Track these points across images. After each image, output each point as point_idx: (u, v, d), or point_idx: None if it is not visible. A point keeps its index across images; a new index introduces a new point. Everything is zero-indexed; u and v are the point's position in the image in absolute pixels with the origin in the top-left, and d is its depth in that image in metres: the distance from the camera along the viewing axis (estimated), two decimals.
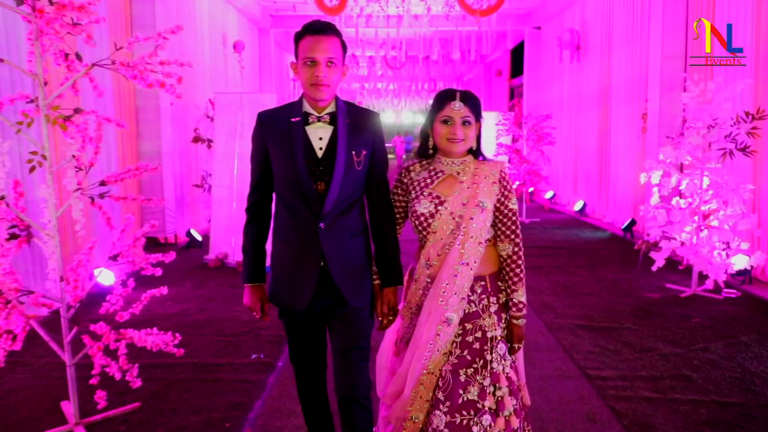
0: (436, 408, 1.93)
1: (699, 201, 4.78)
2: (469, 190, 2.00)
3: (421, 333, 1.98)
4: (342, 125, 1.94)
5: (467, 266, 1.95)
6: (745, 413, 2.81)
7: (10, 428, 2.73)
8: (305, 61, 1.88)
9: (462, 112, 1.96)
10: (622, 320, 4.20)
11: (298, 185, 1.92)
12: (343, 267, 1.97)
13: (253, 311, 2.08)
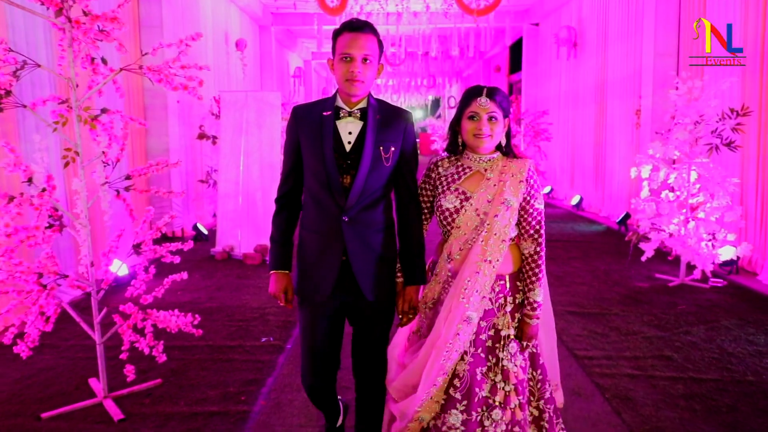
0: (451, 407, 1.96)
1: (687, 194, 5.01)
2: (495, 187, 2.00)
3: (440, 331, 1.98)
4: (372, 121, 1.97)
5: (490, 264, 1.95)
6: (719, 388, 3.05)
7: (43, 401, 2.97)
8: (342, 56, 1.92)
9: (488, 108, 1.98)
10: (610, 307, 4.44)
11: (325, 177, 1.96)
12: (364, 261, 1.99)
13: (278, 299, 2.10)
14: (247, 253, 6.10)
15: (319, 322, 2.07)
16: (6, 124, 4.25)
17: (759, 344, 3.65)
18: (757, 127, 5.35)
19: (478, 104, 1.98)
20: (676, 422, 2.71)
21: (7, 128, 4.36)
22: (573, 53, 10.20)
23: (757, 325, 3.99)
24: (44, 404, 2.94)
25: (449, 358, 1.94)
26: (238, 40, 10.45)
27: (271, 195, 6.06)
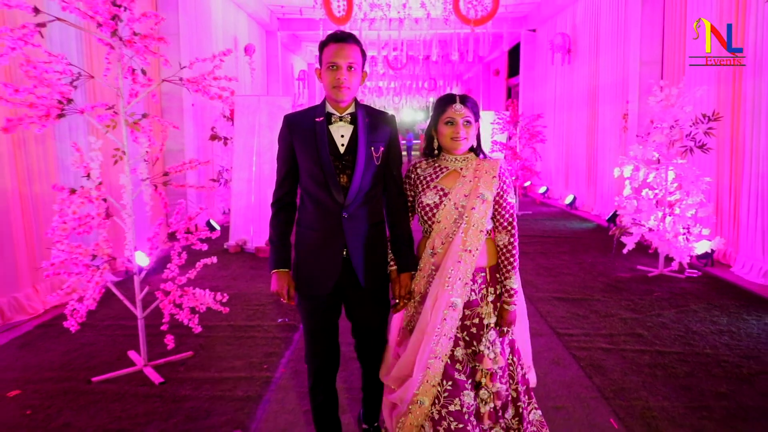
0: (463, 389, 2.09)
1: (664, 192, 5.45)
2: (470, 183, 2.16)
3: (427, 318, 2.10)
4: (362, 124, 2.12)
5: (470, 253, 2.10)
6: (680, 359, 3.49)
7: (90, 369, 3.41)
8: (328, 65, 2.06)
9: (463, 113, 2.14)
10: (593, 294, 4.88)
11: (323, 178, 2.09)
12: (362, 254, 2.14)
13: (281, 296, 2.20)
14: (259, 247, 6.54)
15: (318, 315, 2.21)
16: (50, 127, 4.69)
17: (721, 324, 4.09)
18: (731, 131, 5.80)
19: (453, 110, 2.15)
20: (639, 384, 3.15)
21: (50, 131, 4.82)
22: (567, 59, 10.65)
23: (722, 309, 4.43)
24: (91, 371, 3.39)
25: (438, 342, 2.07)
26: (246, 46, 10.90)
27: None
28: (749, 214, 5.50)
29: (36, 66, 2.88)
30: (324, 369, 2.26)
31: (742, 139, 5.64)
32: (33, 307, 4.55)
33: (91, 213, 3.15)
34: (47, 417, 2.86)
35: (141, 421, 2.81)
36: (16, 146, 4.53)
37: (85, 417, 2.85)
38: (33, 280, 4.69)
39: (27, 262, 4.63)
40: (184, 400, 3.03)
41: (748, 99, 5.47)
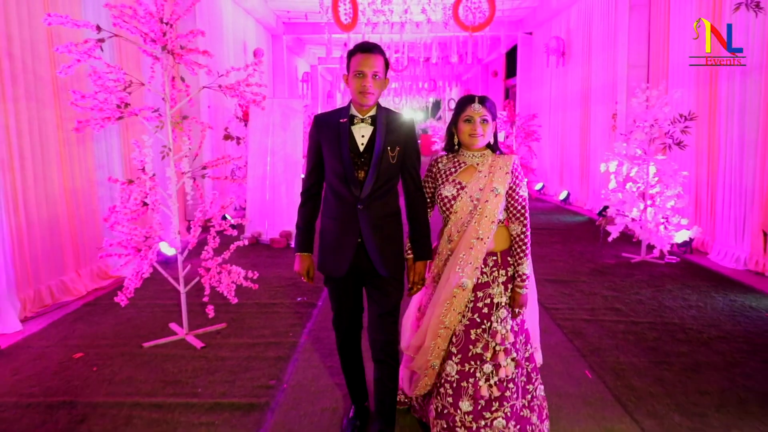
0: (449, 359, 2.35)
1: (646, 185, 5.98)
2: (485, 178, 2.33)
3: (440, 294, 2.33)
4: (380, 126, 2.32)
5: (481, 240, 2.30)
6: (650, 327, 4.02)
7: (140, 337, 3.93)
8: (355, 73, 2.26)
9: (481, 112, 2.33)
10: (580, 277, 5.40)
11: (343, 173, 2.30)
12: (376, 242, 2.32)
13: (302, 276, 2.46)
14: (273, 238, 7.07)
15: (341, 294, 2.46)
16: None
17: (691, 300, 4.62)
18: (708, 130, 6.32)
19: (472, 109, 2.33)
20: (612, 346, 3.67)
21: (88, 134, 5.33)
22: (561, 62, 11.17)
23: (694, 288, 4.95)
24: (141, 339, 3.91)
25: (447, 315, 2.30)
26: (255, 50, 11.43)
27: (294, 188, 7.08)
28: (724, 205, 6.03)
29: (100, 75, 3.40)
30: (346, 337, 2.56)
31: (717, 137, 6.16)
32: (77, 289, 5.07)
33: (145, 200, 3.67)
34: (111, 372, 3.39)
35: (191, 375, 3.33)
36: (62, 146, 5.05)
37: (144, 372, 3.38)
38: (76, 265, 5.21)
39: (71, 248, 5.15)
40: (225, 359, 3.55)
41: (723, 100, 6.00)
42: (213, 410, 2.92)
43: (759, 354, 3.53)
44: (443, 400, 2.37)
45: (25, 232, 4.55)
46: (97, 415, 2.88)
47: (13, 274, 4.38)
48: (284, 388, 3.16)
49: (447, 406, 2.35)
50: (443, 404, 2.37)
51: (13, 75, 4.40)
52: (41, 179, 4.75)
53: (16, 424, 2.81)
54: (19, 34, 4.45)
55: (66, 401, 3.03)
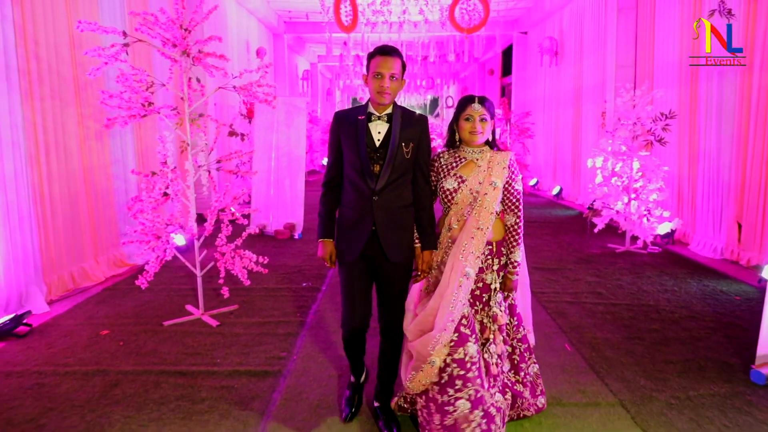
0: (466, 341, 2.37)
1: (629, 180, 6.35)
2: (484, 173, 2.48)
3: (446, 284, 2.41)
4: (396, 124, 2.47)
5: (481, 231, 2.44)
6: (627, 308, 4.39)
7: (159, 317, 4.28)
8: (374, 74, 2.42)
9: (480, 111, 2.48)
10: (566, 265, 5.77)
11: (360, 166, 2.45)
12: (388, 230, 2.48)
13: (325, 260, 2.61)
14: (277, 230, 7.42)
15: (354, 278, 2.56)
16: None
17: (667, 285, 4.99)
18: (689, 127, 6.69)
19: (472, 108, 2.49)
20: (591, 324, 4.04)
21: (105, 131, 5.68)
22: (555, 61, 11.52)
23: (671, 275, 5.33)
24: (160, 318, 4.26)
25: (455, 307, 2.36)
26: (258, 49, 11.75)
27: (297, 183, 7.44)
28: (703, 199, 6.40)
29: (127, 77, 3.75)
30: (357, 331, 2.60)
31: (697, 135, 6.53)
32: (96, 275, 5.42)
33: (166, 191, 4.02)
34: (137, 346, 3.74)
35: (209, 348, 3.69)
36: (82, 142, 5.39)
37: (166, 346, 3.73)
38: (95, 253, 5.56)
39: (90, 238, 5.50)
40: (239, 335, 3.91)
41: (702, 100, 6.36)
42: (232, 376, 3.28)
43: (723, 330, 3.90)
44: (474, 384, 2.33)
45: (49, 222, 4.90)
46: (128, 381, 3.23)
47: (40, 261, 4.73)
48: (294, 359, 3.52)
49: (479, 388, 2.34)
50: (475, 388, 2.33)
51: (40, 75, 4.74)
52: (64, 173, 5.10)
53: (57, 388, 3.17)
54: (45, 37, 4.79)
55: (99, 369, 3.39)
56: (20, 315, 4.05)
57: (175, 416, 2.84)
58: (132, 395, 3.06)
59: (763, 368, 3.14)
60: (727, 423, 2.71)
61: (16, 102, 4.42)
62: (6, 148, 4.29)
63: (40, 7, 4.75)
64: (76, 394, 3.09)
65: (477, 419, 2.30)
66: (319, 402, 2.96)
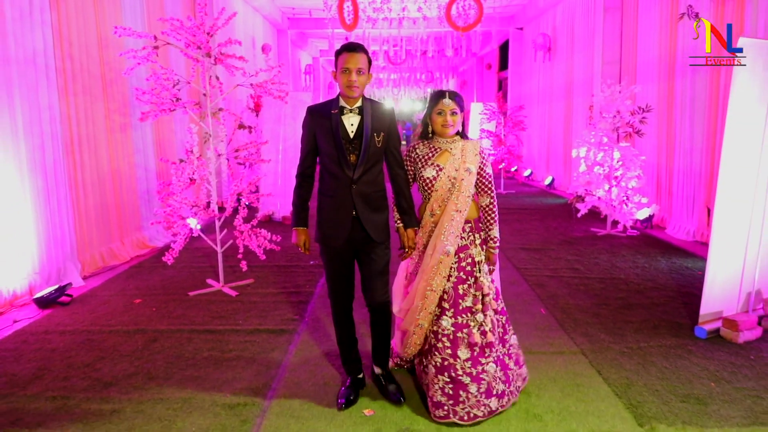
0: (443, 315, 2.67)
1: (610, 168, 6.88)
2: (459, 160, 2.71)
3: (428, 261, 2.69)
4: (367, 115, 2.66)
5: (460, 213, 2.71)
6: (600, 281, 4.93)
7: (184, 289, 4.83)
8: (342, 69, 2.59)
9: (451, 106, 2.71)
10: (550, 246, 6.32)
11: (337, 157, 2.64)
12: (368, 213, 2.68)
13: (299, 247, 2.85)
14: (284, 216, 7.97)
15: (336, 261, 2.77)
16: (130, 120, 6.13)
17: (639, 263, 5.54)
18: (666, 120, 7.21)
19: (443, 104, 2.72)
20: (566, 293, 4.59)
21: (129, 124, 6.23)
22: (548, 57, 12.01)
23: (645, 254, 5.87)
24: (185, 290, 4.81)
25: (434, 278, 2.66)
26: (263, 45, 12.23)
27: None
28: (678, 186, 6.93)
29: (158, 76, 4.28)
30: (342, 304, 2.85)
31: (673, 127, 7.05)
32: (122, 255, 5.97)
33: (193, 176, 4.56)
34: (168, 311, 4.30)
35: (231, 313, 4.24)
36: (108, 134, 5.93)
37: (194, 311, 4.29)
38: (120, 235, 6.11)
39: (116, 221, 6.05)
40: (256, 303, 4.46)
41: (678, 95, 6.88)
42: (253, 334, 3.84)
43: (680, 299, 4.45)
44: (442, 354, 2.67)
45: (82, 207, 5.44)
46: (165, 338, 3.79)
47: (75, 241, 5.27)
48: (306, 320, 4.08)
49: (447, 357, 2.67)
50: (443, 357, 2.67)
51: (73, 74, 5.28)
52: (93, 162, 5.64)
53: (104, 342, 3.72)
54: (77, 39, 5.32)
55: (138, 329, 3.95)
56: (63, 286, 4.61)
57: (208, 363, 3.39)
58: (170, 348, 3.62)
59: (705, 325, 3.69)
60: (668, 366, 3.26)
61: (54, 98, 4.95)
62: (47, 140, 4.83)
63: (74, 12, 5.27)
64: (122, 347, 3.64)
65: (441, 383, 2.65)
66: (329, 351, 3.51)
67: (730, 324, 3.62)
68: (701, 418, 2.70)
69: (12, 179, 4.48)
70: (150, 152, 6.81)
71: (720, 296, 3.76)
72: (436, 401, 2.66)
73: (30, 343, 3.72)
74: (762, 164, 3.64)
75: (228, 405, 2.88)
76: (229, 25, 4.53)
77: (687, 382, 3.07)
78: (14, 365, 3.39)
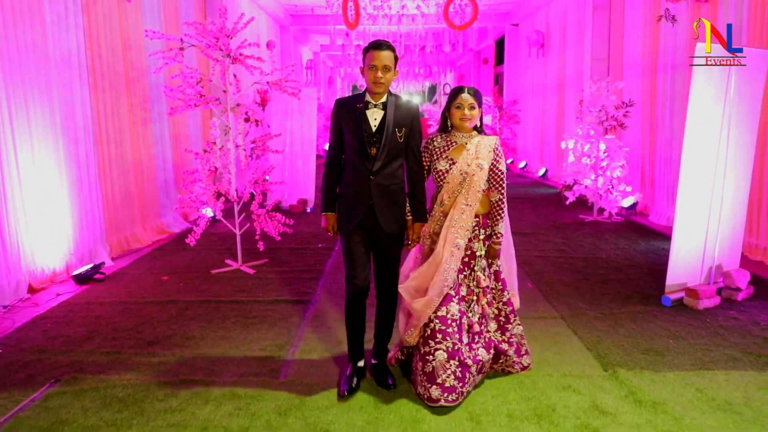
0: (450, 300, 2.75)
1: (596, 159, 7.38)
2: (473, 155, 2.76)
3: (440, 252, 2.76)
4: (390, 111, 2.74)
5: (469, 207, 2.76)
6: (583, 260, 5.45)
7: (206, 268, 5.33)
8: (369, 66, 2.67)
9: (469, 100, 2.78)
10: (540, 230, 6.83)
11: (358, 149, 2.73)
12: (383, 205, 2.76)
13: (328, 231, 2.93)
14: (292, 204, 8.47)
15: (355, 244, 2.86)
16: (149, 114, 6.61)
17: (620, 245, 6.05)
18: (649, 114, 7.71)
19: (462, 98, 2.79)
20: (552, 270, 5.11)
21: (148, 118, 6.70)
22: (541, 53, 12.48)
23: (626, 238, 6.39)
24: (207, 268, 5.31)
25: (449, 274, 2.72)
26: (268, 42, 12.70)
27: (309, 163, 8.45)
28: (660, 175, 7.44)
29: (185, 75, 4.76)
30: (356, 290, 2.88)
31: (655, 120, 7.55)
32: (144, 239, 6.46)
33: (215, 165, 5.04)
34: (195, 286, 4.80)
35: (251, 287, 4.74)
36: (131, 127, 6.41)
37: (218, 286, 4.79)
38: (142, 221, 6.60)
39: (139, 208, 6.54)
40: (273, 280, 4.97)
41: (660, 91, 7.38)
42: (272, 304, 4.34)
43: (653, 275, 4.96)
44: (452, 338, 2.74)
45: (109, 194, 5.94)
46: (195, 307, 4.29)
47: (104, 225, 5.76)
48: (318, 293, 4.59)
49: (456, 342, 2.75)
50: (453, 342, 2.74)
51: (102, 72, 5.75)
52: (119, 153, 6.13)
53: (142, 311, 4.22)
54: (104, 41, 5.79)
55: (170, 300, 4.45)
56: (98, 265, 5.10)
57: (236, 326, 3.90)
58: (201, 315, 4.12)
59: (670, 294, 4.20)
60: (635, 327, 3.78)
61: (86, 94, 5.42)
62: (80, 134, 5.31)
63: (102, 16, 5.74)
64: (159, 314, 4.15)
65: (452, 368, 2.72)
66: (340, 317, 4.01)
67: (692, 293, 4.14)
68: (657, 365, 3.21)
69: (52, 171, 4.96)
70: (167, 145, 7.29)
71: (684, 270, 4.27)
72: (449, 386, 2.71)
73: (76, 312, 4.22)
74: (719, 153, 4.15)
75: (257, 358, 3.38)
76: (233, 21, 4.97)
77: (649, 339, 3.58)
78: (67, 328, 3.89)
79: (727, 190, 4.27)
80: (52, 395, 2.93)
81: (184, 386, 3.01)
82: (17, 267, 4.57)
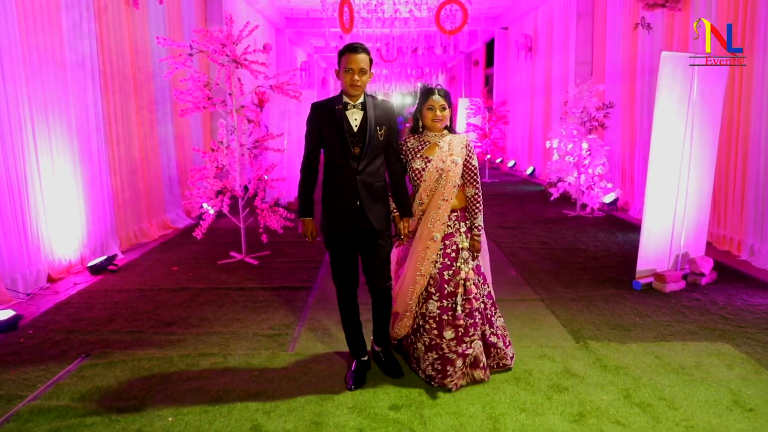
0: (429, 299, 2.86)
1: (579, 158, 7.81)
2: (446, 152, 2.86)
3: (415, 247, 2.88)
4: (370, 111, 2.80)
5: (446, 201, 2.87)
6: (564, 251, 5.86)
7: (212, 259, 5.69)
8: (345, 69, 2.72)
9: (440, 102, 2.86)
10: (525, 225, 7.25)
11: (342, 150, 2.78)
12: (371, 203, 2.82)
13: (306, 237, 2.95)
14: (290, 201, 8.83)
15: (340, 249, 2.90)
16: (154, 117, 6.96)
17: (599, 237, 6.48)
18: (630, 115, 8.15)
19: (433, 99, 2.88)
20: (534, 260, 5.52)
21: (153, 120, 7.05)
22: (529, 56, 12.92)
23: (605, 231, 6.82)
24: (213, 259, 5.68)
25: (422, 264, 2.86)
26: (264, 45, 13.04)
27: None
28: (639, 173, 7.88)
29: (195, 79, 5.12)
30: (346, 290, 2.98)
31: (634, 121, 7.99)
32: (151, 234, 6.81)
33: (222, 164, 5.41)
34: (203, 275, 5.17)
35: (257, 276, 5.11)
36: (139, 128, 6.76)
37: (225, 275, 5.16)
38: (148, 217, 6.95)
39: (145, 204, 6.89)
40: (276, 270, 5.34)
41: (638, 93, 7.82)
42: (277, 290, 4.72)
43: (627, 263, 5.37)
44: (429, 334, 2.92)
45: (119, 191, 6.28)
46: (206, 293, 4.66)
47: (114, 220, 6.11)
48: (319, 280, 4.97)
49: (434, 338, 2.91)
50: (430, 338, 2.92)
51: (112, 75, 6.10)
52: (128, 152, 6.48)
53: (156, 297, 4.58)
54: (114, 46, 6.14)
55: (182, 287, 4.81)
56: (111, 256, 5.45)
57: (245, 308, 4.27)
58: (212, 300, 4.49)
59: (641, 279, 4.62)
60: (606, 307, 4.19)
61: (99, 96, 5.77)
62: (93, 134, 5.65)
63: (112, 23, 6.10)
64: (173, 300, 4.51)
65: (430, 359, 2.93)
66: None
67: (660, 278, 4.56)
68: (623, 338, 3.62)
69: (67, 168, 5.30)
70: (171, 144, 7.64)
71: (653, 257, 4.69)
72: (428, 375, 2.95)
73: (95, 299, 4.57)
74: (684, 150, 4.57)
75: (267, 335, 3.76)
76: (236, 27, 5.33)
77: (618, 317, 4.00)
78: (89, 312, 4.24)
79: (692, 184, 4.69)
80: (85, 367, 3.29)
81: (203, 358, 3.38)
82: (37, 258, 4.91)
